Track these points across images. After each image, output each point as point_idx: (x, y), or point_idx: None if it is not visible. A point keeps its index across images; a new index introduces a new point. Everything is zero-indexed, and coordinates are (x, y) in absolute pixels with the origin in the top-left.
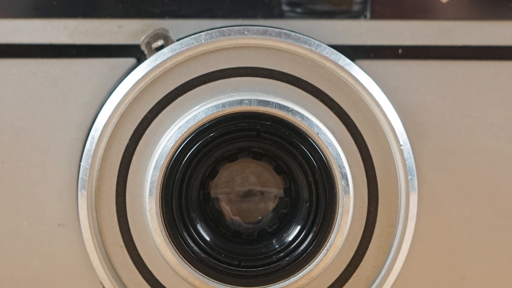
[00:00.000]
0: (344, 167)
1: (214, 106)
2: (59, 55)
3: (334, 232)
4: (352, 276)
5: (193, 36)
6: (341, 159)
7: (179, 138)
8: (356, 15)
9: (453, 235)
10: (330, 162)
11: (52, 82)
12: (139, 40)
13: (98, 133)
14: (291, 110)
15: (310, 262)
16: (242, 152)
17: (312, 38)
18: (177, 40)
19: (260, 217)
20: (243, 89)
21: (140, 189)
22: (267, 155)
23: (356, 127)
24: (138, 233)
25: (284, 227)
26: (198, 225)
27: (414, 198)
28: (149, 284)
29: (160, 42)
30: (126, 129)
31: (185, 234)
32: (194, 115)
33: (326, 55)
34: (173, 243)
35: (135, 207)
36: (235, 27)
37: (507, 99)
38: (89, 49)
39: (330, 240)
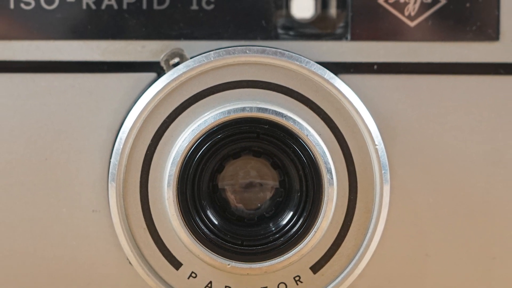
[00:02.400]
0: (329, 163)
1: (221, 112)
2: (93, 70)
3: (320, 217)
4: (336, 253)
5: (204, 55)
6: (326, 156)
7: (192, 139)
8: (339, 37)
9: (419, 219)
10: (317, 159)
11: (87, 93)
12: (159, 58)
13: (125, 135)
14: (285, 116)
15: (301, 242)
16: (244, 150)
17: (302, 56)
18: (191, 58)
19: (259, 205)
20: (245, 98)
21: (160, 181)
22: (265, 153)
23: (339, 130)
24: (158, 218)
25: (279, 213)
26: (208, 211)
27: (387, 189)
28: (167, 260)
29: (176, 60)
30: (148, 131)
31: (197, 219)
32: (205, 120)
33: (314, 70)
34: (187, 226)
35: (156, 196)
36: (239, 47)
37: (464, 107)
38: (118, 66)
39: (317, 223)
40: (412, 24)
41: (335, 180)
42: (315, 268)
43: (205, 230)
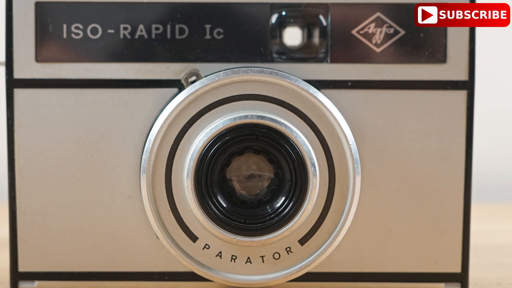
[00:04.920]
0: (313, 159)
1: (228, 119)
2: (128, 86)
3: (306, 201)
4: (318, 230)
5: (215, 74)
6: (311, 153)
7: (206, 140)
8: (321, 60)
9: (384, 203)
10: (304, 155)
11: (123, 104)
12: (180, 76)
13: (153, 137)
14: (279, 122)
15: (291, 221)
16: (247, 149)
17: (292, 75)
18: (205, 76)
19: (258, 192)
20: (248, 108)
21: (180, 173)
22: (263, 151)
23: (321, 133)
24: (179, 202)
25: (274, 198)
26: (218, 196)
27: (358, 179)
28: (186, 235)
29: (193, 78)
30: (171, 134)
31: (210, 203)
32: (216, 125)
33: (301, 86)
34: (202, 208)
35: (177, 185)
36: (242, 68)
37: (418, 115)
38: (148, 83)
39: (304, 206)
40: (378, 50)
41: (318, 172)
42: (302, 241)
43: (216, 211)
